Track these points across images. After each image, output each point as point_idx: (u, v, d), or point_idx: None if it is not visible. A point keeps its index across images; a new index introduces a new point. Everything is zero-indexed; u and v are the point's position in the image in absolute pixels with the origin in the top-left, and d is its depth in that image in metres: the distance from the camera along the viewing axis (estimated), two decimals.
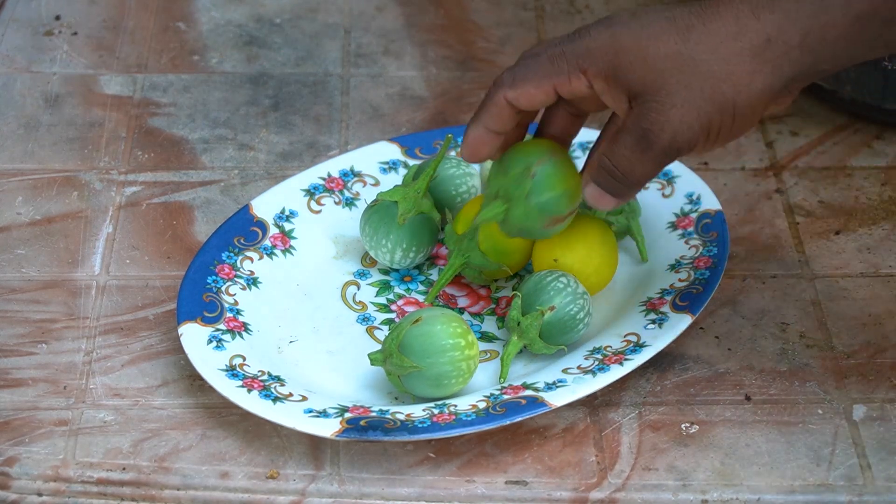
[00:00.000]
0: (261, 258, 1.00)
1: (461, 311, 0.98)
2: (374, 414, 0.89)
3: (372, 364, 0.91)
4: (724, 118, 0.83)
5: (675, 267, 0.99)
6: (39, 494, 0.88)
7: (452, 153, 1.03)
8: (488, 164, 1.04)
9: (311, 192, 1.04)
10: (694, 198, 1.02)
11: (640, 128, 0.83)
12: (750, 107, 0.83)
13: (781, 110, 0.87)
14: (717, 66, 0.82)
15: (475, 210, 0.96)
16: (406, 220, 0.98)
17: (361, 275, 1.01)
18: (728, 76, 0.82)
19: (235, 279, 0.98)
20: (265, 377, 0.91)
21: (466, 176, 1.02)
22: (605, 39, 0.84)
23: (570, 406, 0.91)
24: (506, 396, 0.90)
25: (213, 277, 0.97)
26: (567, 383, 0.90)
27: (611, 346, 0.93)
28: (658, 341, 0.92)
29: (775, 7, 0.81)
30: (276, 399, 0.89)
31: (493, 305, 0.99)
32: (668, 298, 0.96)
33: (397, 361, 0.90)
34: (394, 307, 0.98)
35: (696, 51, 0.82)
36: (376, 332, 0.97)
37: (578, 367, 0.92)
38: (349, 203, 1.04)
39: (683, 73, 0.82)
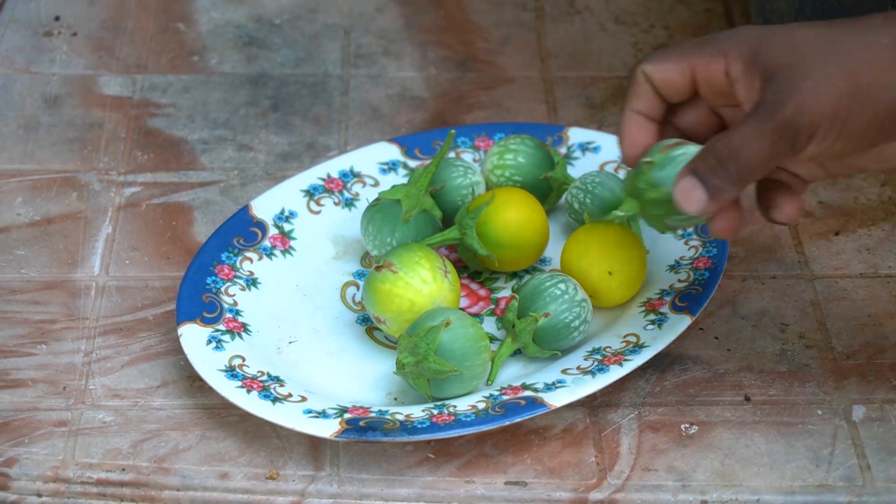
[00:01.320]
0: (260, 259, 1.00)
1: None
2: (373, 414, 0.89)
3: (399, 370, 0.90)
4: (855, 103, 0.79)
5: (675, 267, 0.99)
6: (39, 495, 0.88)
7: (458, 162, 1.03)
8: (489, 164, 1.04)
9: (310, 193, 1.04)
10: None
11: (764, 100, 0.80)
12: (882, 101, 0.79)
13: (870, 170, 0.84)
14: (858, 47, 0.79)
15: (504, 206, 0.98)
16: (410, 218, 0.98)
17: (361, 275, 1.01)
18: (868, 59, 0.79)
19: (235, 280, 0.98)
20: (265, 378, 0.91)
21: (473, 185, 1.02)
22: (752, 29, 0.83)
23: (570, 407, 0.91)
24: (505, 397, 0.90)
25: (213, 278, 0.97)
26: (566, 384, 0.90)
27: (610, 347, 0.93)
28: (657, 342, 0.92)
29: None
30: (275, 400, 0.89)
31: (493, 306, 0.99)
32: (668, 299, 0.96)
33: (435, 366, 0.89)
34: None
35: (841, 32, 0.80)
36: (375, 333, 0.97)
37: (578, 368, 0.92)
38: (349, 204, 1.04)
39: (821, 48, 0.79)
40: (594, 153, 1.07)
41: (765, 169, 0.81)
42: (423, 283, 0.93)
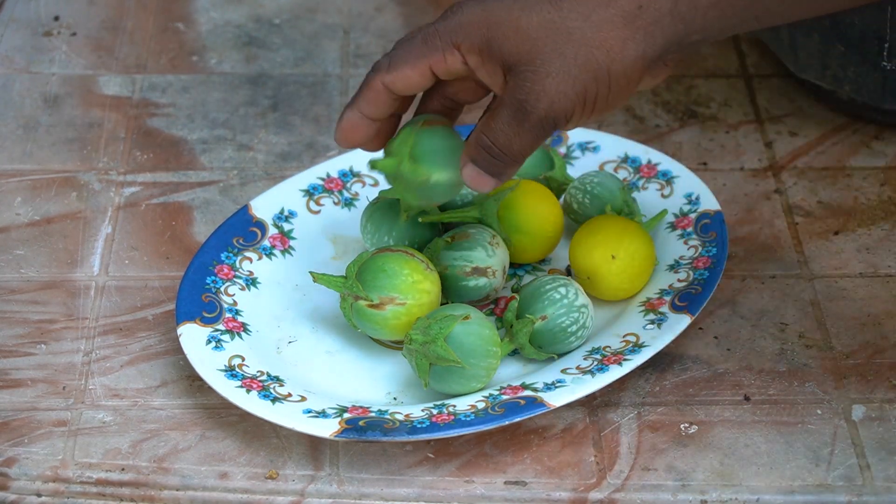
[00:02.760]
0: (260, 258, 1.00)
1: None
2: (372, 414, 0.89)
3: (405, 345, 0.90)
4: (600, 87, 0.82)
5: (674, 267, 0.99)
6: (38, 495, 0.88)
7: None
8: None
9: (310, 193, 1.04)
10: (693, 198, 1.02)
11: (515, 99, 0.83)
12: (624, 75, 0.82)
13: (658, 83, 0.86)
14: (590, 33, 0.81)
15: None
16: (409, 217, 0.98)
17: None
18: (601, 43, 0.81)
19: (234, 279, 0.98)
20: (264, 377, 0.91)
21: None
22: (477, 14, 0.83)
23: (570, 406, 0.91)
24: (505, 397, 0.90)
25: (212, 278, 0.97)
26: (566, 383, 0.90)
27: (610, 347, 0.93)
28: (657, 342, 0.92)
29: None
30: (274, 399, 0.89)
31: (493, 306, 0.99)
32: (667, 299, 0.96)
33: (441, 352, 0.89)
34: None
35: (569, 18, 0.81)
36: None
37: (577, 368, 0.92)
38: (348, 203, 1.04)
39: (557, 41, 0.82)
40: (594, 153, 1.07)
41: (534, 149, 0.85)
42: (426, 293, 0.93)
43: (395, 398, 0.92)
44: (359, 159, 1.06)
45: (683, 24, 0.82)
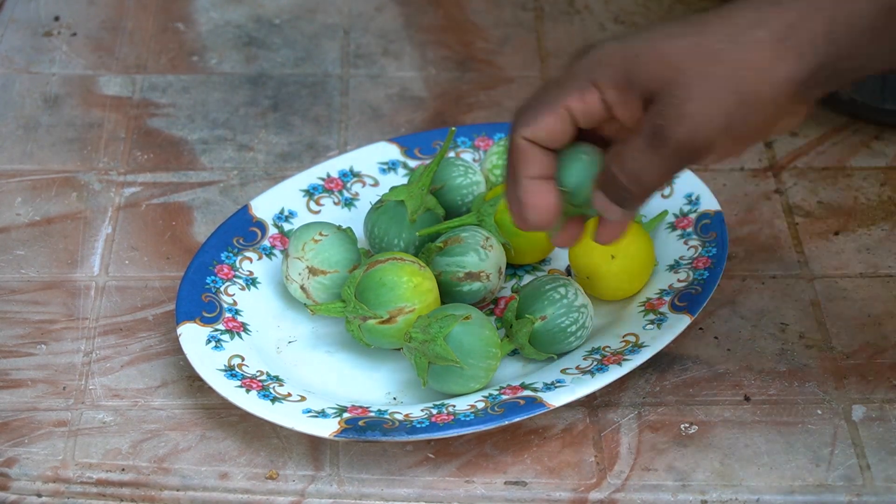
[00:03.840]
0: (260, 258, 1.00)
1: None
2: (372, 414, 0.89)
3: (405, 343, 0.90)
4: (747, 112, 0.77)
5: (674, 267, 0.99)
6: (39, 495, 0.88)
7: (459, 161, 1.03)
8: (488, 163, 1.04)
9: (310, 193, 1.04)
10: (693, 198, 1.02)
11: (653, 125, 0.77)
12: (772, 99, 0.77)
13: (795, 124, 0.81)
14: (738, 54, 0.76)
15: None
16: (417, 218, 0.98)
17: None
18: (750, 64, 0.76)
19: (234, 279, 0.98)
20: (264, 377, 0.91)
21: (473, 185, 1.02)
22: (614, 48, 0.79)
23: (570, 406, 0.91)
24: (504, 397, 0.90)
25: (212, 278, 0.97)
26: (566, 384, 0.90)
27: (609, 347, 0.93)
28: (657, 342, 0.92)
29: None
30: (274, 399, 0.89)
31: (493, 306, 0.99)
32: (667, 299, 0.96)
33: (441, 351, 0.89)
34: None
35: (715, 40, 0.77)
36: None
37: (577, 368, 0.92)
38: (348, 203, 1.04)
39: (702, 63, 0.76)
40: None
41: (666, 184, 0.81)
42: (428, 292, 0.93)
43: (394, 398, 0.92)
44: (359, 159, 1.06)
45: (836, 47, 0.76)
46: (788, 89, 0.76)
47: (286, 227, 1.02)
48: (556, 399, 0.89)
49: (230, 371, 0.91)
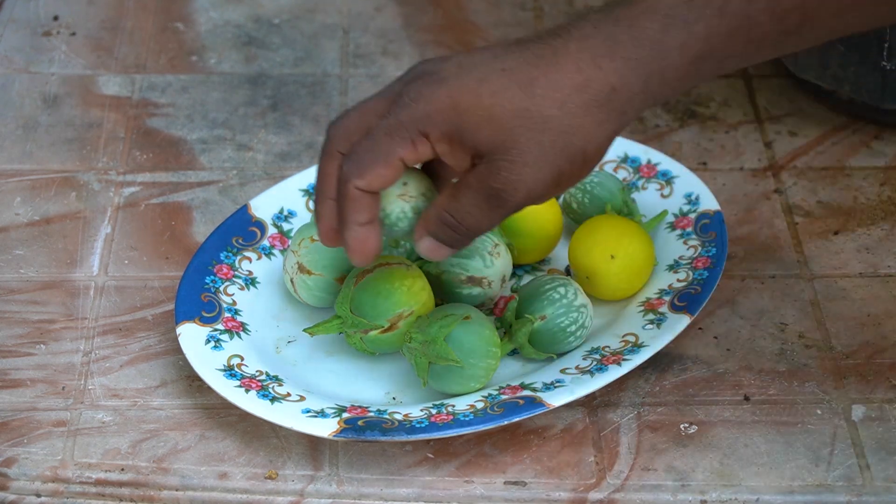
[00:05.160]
0: (259, 258, 1.00)
1: None
2: (371, 414, 0.89)
3: (405, 343, 0.90)
4: (574, 167, 0.82)
5: (674, 267, 0.98)
6: (38, 495, 0.88)
7: None
8: None
9: (309, 193, 1.04)
10: (692, 198, 1.02)
11: (490, 187, 0.81)
12: (597, 153, 0.82)
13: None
14: (566, 121, 0.80)
15: None
16: None
17: None
18: (577, 129, 0.80)
19: (234, 279, 0.98)
20: (263, 377, 0.91)
21: None
22: (442, 101, 0.80)
23: (569, 406, 0.91)
24: (504, 396, 0.90)
25: (212, 277, 0.97)
26: (565, 383, 0.90)
27: (609, 347, 0.93)
28: (656, 342, 0.92)
29: (615, 55, 0.80)
30: (273, 399, 0.89)
31: (492, 306, 0.99)
32: (667, 299, 0.96)
33: (441, 351, 0.89)
34: None
35: (543, 106, 0.80)
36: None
37: (577, 368, 0.92)
38: None
39: (533, 130, 0.80)
40: None
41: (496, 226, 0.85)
42: (422, 290, 0.93)
43: (393, 398, 0.92)
44: None
45: (653, 98, 0.82)
46: (609, 141, 0.82)
47: (285, 226, 1.02)
48: (556, 399, 0.89)
49: (229, 371, 0.91)
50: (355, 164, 0.83)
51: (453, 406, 0.90)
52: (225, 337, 0.94)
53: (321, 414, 0.88)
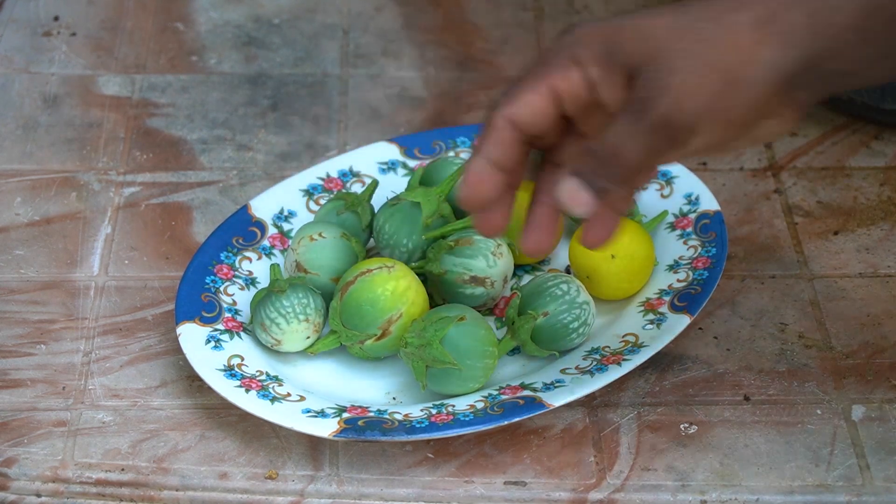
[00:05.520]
0: (259, 258, 1.00)
1: None
2: (371, 414, 0.89)
3: (402, 348, 0.90)
4: (730, 92, 0.75)
5: (674, 267, 0.99)
6: (38, 495, 0.88)
7: (459, 161, 1.02)
8: None
9: (309, 193, 1.04)
10: (692, 198, 1.02)
11: (635, 98, 0.76)
12: (755, 84, 0.75)
13: (782, 130, 0.79)
14: (720, 34, 0.75)
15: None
16: (431, 223, 0.97)
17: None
18: (732, 45, 0.75)
19: (234, 279, 0.98)
20: (263, 377, 0.91)
21: None
22: (595, 27, 0.78)
23: (569, 406, 0.91)
24: (504, 397, 0.90)
25: (212, 277, 0.97)
26: (565, 383, 0.90)
27: (609, 347, 0.93)
28: (656, 342, 0.92)
29: None
30: (274, 399, 0.89)
31: (493, 306, 0.99)
32: (667, 299, 0.96)
33: (438, 354, 0.89)
34: None
35: (698, 20, 0.76)
36: None
37: (577, 368, 0.92)
38: None
39: (684, 40, 0.75)
40: None
41: (649, 166, 0.78)
42: (407, 288, 0.93)
43: (394, 398, 0.92)
44: (358, 159, 1.06)
45: (819, 42, 0.75)
46: (772, 77, 0.76)
47: (286, 226, 1.02)
48: (556, 399, 0.89)
49: (230, 371, 0.91)
50: (504, 93, 0.79)
51: (453, 406, 0.90)
52: (225, 337, 0.94)
53: (321, 414, 0.88)
